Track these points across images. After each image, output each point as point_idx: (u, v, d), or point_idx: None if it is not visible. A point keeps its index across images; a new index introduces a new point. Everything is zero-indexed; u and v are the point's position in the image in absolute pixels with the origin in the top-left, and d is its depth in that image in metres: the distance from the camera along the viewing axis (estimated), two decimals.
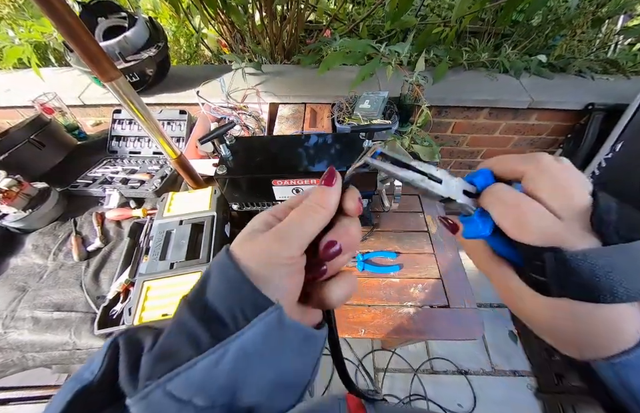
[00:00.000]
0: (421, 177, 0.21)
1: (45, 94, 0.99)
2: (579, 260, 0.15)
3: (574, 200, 0.17)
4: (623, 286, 0.15)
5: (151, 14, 1.35)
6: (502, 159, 0.21)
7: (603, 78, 1.25)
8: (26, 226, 0.83)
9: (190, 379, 0.14)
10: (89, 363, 0.16)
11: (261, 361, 0.16)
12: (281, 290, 0.18)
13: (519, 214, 0.18)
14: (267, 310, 0.16)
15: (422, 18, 1.45)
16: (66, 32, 0.45)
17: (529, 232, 0.17)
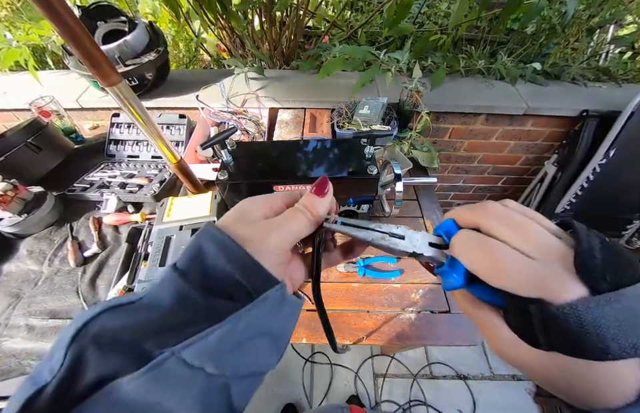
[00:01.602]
0: (381, 235, 0.22)
1: (42, 98, 0.98)
2: (567, 314, 0.14)
3: (539, 237, 0.17)
4: (616, 341, 0.13)
5: (151, 19, 1.35)
6: (459, 211, 0.21)
7: (595, 85, 1.28)
8: (21, 231, 0.81)
9: (204, 347, 0.15)
10: (48, 359, 0.15)
11: (263, 330, 0.18)
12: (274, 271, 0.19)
13: (490, 258, 0.17)
14: (275, 287, 0.18)
15: (419, 25, 1.47)
16: (68, 36, 0.45)
17: (506, 277, 0.16)
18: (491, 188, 1.65)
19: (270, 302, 0.18)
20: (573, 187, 1.28)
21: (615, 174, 1.21)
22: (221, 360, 0.16)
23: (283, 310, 0.19)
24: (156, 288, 0.17)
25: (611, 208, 1.36)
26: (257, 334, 0.18)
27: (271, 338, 0.19)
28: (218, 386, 0.16)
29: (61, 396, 0.14)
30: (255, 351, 0.18)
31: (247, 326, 0.17)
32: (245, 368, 0.18)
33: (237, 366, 0.17)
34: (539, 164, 1.44)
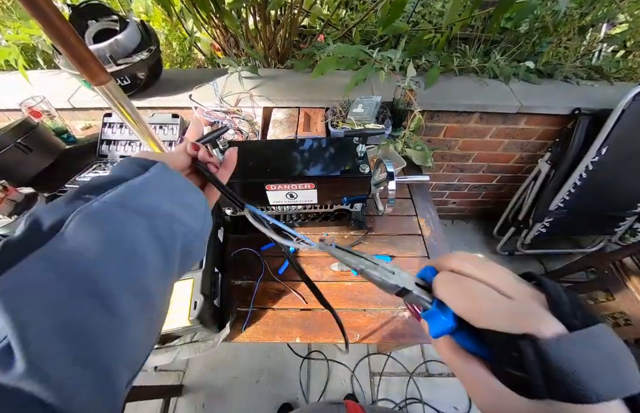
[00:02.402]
0: (373, 265, 0.23)
1: (33, 98, 0.97)
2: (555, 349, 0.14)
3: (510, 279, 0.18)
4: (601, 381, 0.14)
5: (143, 18, 1.34)
6: (435, 260, 0.23)
7: (588, 84, 1.29)
8: (11, 233, 0.80)
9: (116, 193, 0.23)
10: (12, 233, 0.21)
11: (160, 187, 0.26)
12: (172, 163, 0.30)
13: (471, 298, 0.18)
14: (158, 161, 0.28)
15: (413, 24, 1.48)
16: (54, 35, 0.44)
17: (489, 316, 0.17)
18: (485, 186, 1.66)
19: (156, 168, 0.27)
20: (566, 185, 1.30)
21: (607, 171, 1.22)
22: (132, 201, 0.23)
23: (170, 176, 0.28)
24: None
25: (604, 206, 1.37)
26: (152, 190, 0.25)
27: (172, 196, 0.27)
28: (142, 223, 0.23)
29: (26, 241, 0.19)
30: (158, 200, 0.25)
31: (142, 181, 0.25)
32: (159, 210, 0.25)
33: (149, 207, 0.24)
34: (532, 162, 1.45)
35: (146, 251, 0.23)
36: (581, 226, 1.53)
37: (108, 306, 0.19)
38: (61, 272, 0.18)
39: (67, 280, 0.18)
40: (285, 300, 0.73)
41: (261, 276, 0.75)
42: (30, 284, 0.17)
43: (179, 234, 0.26)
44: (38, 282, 0.17)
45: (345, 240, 0.84)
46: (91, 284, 0.19)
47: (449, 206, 1.86)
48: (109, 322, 0.19)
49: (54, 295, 0.17)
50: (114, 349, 0.19)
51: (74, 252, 0.19)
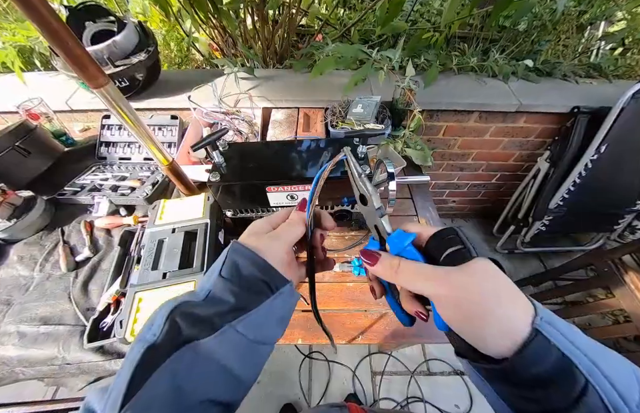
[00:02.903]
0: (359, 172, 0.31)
1: (31, 100, 0.96)
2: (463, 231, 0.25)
3: None
4: None
5: (141, 19, 1.33)
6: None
7: (586, 82, 1.29)
8: (10, 237, 0.80)
9: (248, 322, 0.24)
10: (148, 328, 0.23)
11: (278, 313, 0.28)
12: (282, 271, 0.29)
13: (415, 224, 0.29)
14: (287, 284, 0.28)
15: (412, 23, 1.47)
16: (51, 38, 0.44)
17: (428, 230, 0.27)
18: (485, 185, 1.66)
19: (284, 295, 0.28)
20: (565, 183, 1.30)
21: (606, 169, 1.22)
22: (256, 331, 0.25)
23: (292, 299, 0.29)
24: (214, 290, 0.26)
25: (603, 204, 1.37)
26: (275, 315, 0.27)
27: (282, 319, 0.29)
28: (252, 347, 0.25)
29: (165, 347, 0.21)
30: (273, 326, 0.27)
31: (271, 309, 0.26)
32: (267, 337, 0.27)
33: (263, 335, 0.26)
34: (532, 160, 1.46)
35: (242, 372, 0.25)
36: (580, 224, 1.53)
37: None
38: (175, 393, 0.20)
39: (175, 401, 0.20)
40: None
41: None
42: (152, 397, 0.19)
43: (267, 353, 0.28)
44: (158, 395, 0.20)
45: (345, 240, 0.84)
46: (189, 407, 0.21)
47: (448, 205, 1.86)
48: None
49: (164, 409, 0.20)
50: None
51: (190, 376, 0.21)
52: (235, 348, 0.24)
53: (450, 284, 0.22)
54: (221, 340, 0.23)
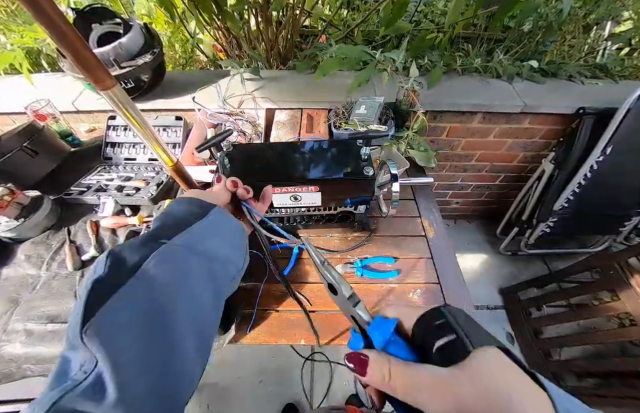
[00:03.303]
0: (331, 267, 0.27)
1: (38, 101, 0.98)
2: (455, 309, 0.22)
3: None
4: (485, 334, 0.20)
5: (146, 20, 1.35)
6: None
7: (592, 82, 1.28)
8: (18, 236, 0.81)
9: (187, 237, 0.27)
10: (93, 271, 0.22)
11: (216, 231, 0.30)
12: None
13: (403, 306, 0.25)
14: (216, 207, 0.31)
15: (416, 24, 1.47)
16: (59, 41, 0.44)
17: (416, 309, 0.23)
18: (489, 186, 1.65)
19: (216, 213, 0.30)
20: (570, 185, 1.29)
21: (612, 171, 1.21)
22: (198, 245, 0.27)
23: (227, 222, 0.32)
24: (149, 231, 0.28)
25: (609, 205, 1.36)
26: (214, 234, 0.29)
27: (226, 240, 0.31)
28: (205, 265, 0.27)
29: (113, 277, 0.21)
30: (219, 244, 0.29)
31: (206, 225, 0.29)
32: (218, 254, 0.29)
33: (211, 250, 0.28)
34: (536, 162, 1.44)
35: (206, 293, 0.26)
36: (585, 226, 1.52)
37: (177, 346, 0.22)
38: (142, 312, 0.21)
39: (146, 320, 0.21)
40: (290, 302, 0.73)
41: (265, 278, 0.75)
42: (118, 323, 0.20)
43: (229, 274, 0.30)
44: (124, 320, 0.20)
45: (348, 241, 0.84)
46: (165, 327, 0.22)
47: (452, 206, 1.85)
48: (178, 361, 0.22)
49: (137, 332, 0.20)
50: (179, 384, 0.23)
51: (152, 292, 0.22)
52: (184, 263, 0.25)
53: (454, 395, 0.18)
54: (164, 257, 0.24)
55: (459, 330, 0.19)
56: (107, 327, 0.19)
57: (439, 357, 0.19)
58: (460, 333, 0.19)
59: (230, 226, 0.32)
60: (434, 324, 0.21)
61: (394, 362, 0.21)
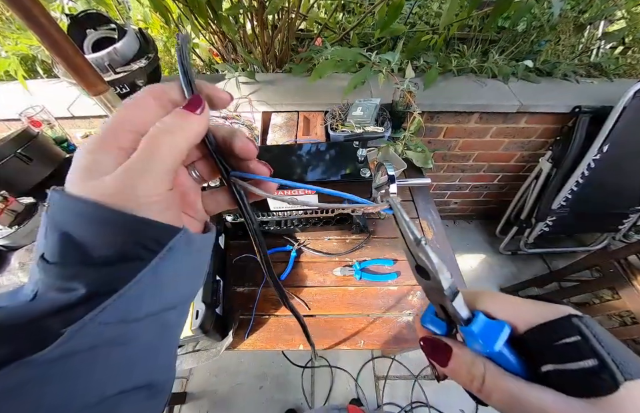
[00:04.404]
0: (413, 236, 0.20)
1: (32, 107, 0.97)
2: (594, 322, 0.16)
3: None
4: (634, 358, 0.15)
5: (141, 25, 1.34)
6: None
7: (587, 81, 1.29)
8: (12, 243, 0.80)
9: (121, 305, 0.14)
10: None
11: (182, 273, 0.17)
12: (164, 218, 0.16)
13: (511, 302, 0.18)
14: (178, 233, 0.16)
15: (411, 26, 1.48)
16: (51, 46, 0.44)
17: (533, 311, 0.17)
18: (487, 186, 1.65)
19: (176, 250, 0.16)
20: (568, 183, 1.29)
21: (609, 169, 1.21)
22: (143, 308, 0.15)
23: (192, 249, 0.18)
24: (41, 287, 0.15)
25: (607, 203, 1.36)
26: (172, 277, 0.17)
27: (188, 274, 0.19)
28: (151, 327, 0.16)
29: None
30: (176, 289, 0.18)
31: (158, 275, 0.16)
32: (173, 302, 0.18)
33: (163, 305, 0.17)
34: (534, 161, 1.45)
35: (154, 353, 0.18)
36: (584, 224, 1.52)
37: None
38: None
39: None
40: None
41: (262, 283, 0.75)
42: None
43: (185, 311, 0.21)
44: None
45: (347, 244, 0.83)
46: None
47: (450, 207, 1.85)
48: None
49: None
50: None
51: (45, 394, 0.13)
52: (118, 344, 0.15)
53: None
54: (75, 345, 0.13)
55: (604, 354, 0.14)
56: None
57: (561, 382, 0.15)
58: (607, 359, 0.14)
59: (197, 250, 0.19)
60: (564, 340, 0.15)
61: (492, 370, 0.17)
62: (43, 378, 0.12)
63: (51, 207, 0.15)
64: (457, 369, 0.18)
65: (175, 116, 0.17)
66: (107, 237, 0.15)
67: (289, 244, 0.82)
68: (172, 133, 0.16)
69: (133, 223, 0.15)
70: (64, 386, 0.13)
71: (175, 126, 0.17)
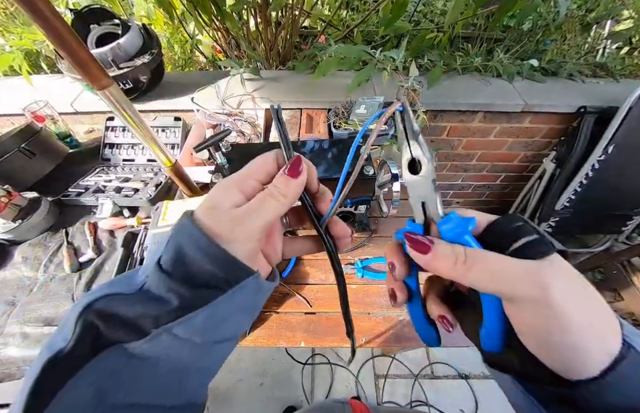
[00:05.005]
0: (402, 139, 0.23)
1: (36, 102, 0.97)
2: None
3: None
4: None
5: (145, 21, 1.34)
6: None
7: (593, 81, 1.28)
8: (15, 237, 0.81)
9: (191, 325, 0.18)
10: (58, 332, 0.18)
11: (240, 309, 0.21)
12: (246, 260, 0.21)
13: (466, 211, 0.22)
14: (250, 278, 0.20)
15: (415, 23, 1.47)
16: (56, 41, 0.44)
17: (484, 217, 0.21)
18: (489, 186, 1.65)
19: (246, 290, 0.20)
20: (571, 184, 1.28)
21: (613, 170, 1.20)
22: (206, 333, 0.19)
23: (257, 294, 0.22)
24: (149, 282, 0.20)
25: (611, 205, 1.35)
26: (235, 313, 0.21)
27: (246, 313, 0.23)
28: (203, 352, 0.20)
29: (76, 356, 0.16)
30: (234, 324, 0.22)
31: (226, 308, 0.20)
32: (224, 335, 0.21)
33: (218, 336, 0.21)
34: (537, 161, 1.44)
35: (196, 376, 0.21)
36: (587, 226, 1.51)
37: None
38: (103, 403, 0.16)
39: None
40: (289, 304, 0.72)
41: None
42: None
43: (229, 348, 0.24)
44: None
45: None
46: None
47: (452, 207, 1.84)
48: None
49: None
50: None
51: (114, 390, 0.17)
52: (176, 352, 0.18)
53: (546, 286, 0.17)
54: (154, 344, 0.17)
55: (542, 231, 0.19)
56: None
57: (517, 256, 0.18)
58: (544, 234, 0.18)
59: (262, 297, 0.24)
60: (512, 225, 0.19)
61: (470, 249, 0.19)
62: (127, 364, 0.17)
63: (179, 226, 0.20)
64: (438, 255, 0.20)
65: (280, 182, 0.22)
66: (206, 265, 0.19)
67: None
68: (276, 199, 0.21)
69: (229, 261, 0.20)
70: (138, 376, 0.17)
71: (280, 192, 0.21)
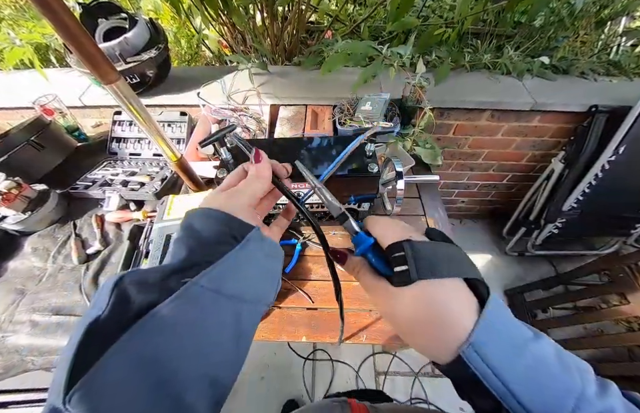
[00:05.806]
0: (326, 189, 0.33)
1: (45, 96, 0.99)
2: (423, 244, 0.24)
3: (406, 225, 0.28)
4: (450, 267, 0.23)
5: (152, 16, 1.35)
6: None
7: (605, 79, 1.24)
8: (25, 229, 0.82)
9: (213, 275, 0.21)
10: (93, 304, 0.19)
11: (252, 262, 0.25)
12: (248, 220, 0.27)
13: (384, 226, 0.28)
14: (253, 230, 0.26)
15: (423, 19, 1.44)
16: (65, 35, 0.44)
17: (392, 234, 0.26)
18: (495, 185, 1.63)
19: (253, 241, 0.25)
20: (580, 185, 1.26)
21: (624, 171, 1.18)
22: (227, 285, 0.22)
23: (264, 247, 0.27)
24: (167, 257, 0.24)
25: (620, 207, 1.33)
26: (248, 266, 0.24)
27: (261, 271, 0.26)
28: (230, 309, 0.23)
29: (114, 321, 0.18)
30: (252, 280, 0.25)
31: (241, 258, 0.24)
32: (248, 293, 0.24)
33: (241, 290, 0.24)
34: (545, 161, 1.41)
35: (228, 344, 0.23)
36: (595, 227, 1.48)
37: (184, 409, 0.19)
38: (143, 372, 0.17)
39: (147, 381, 0.17)
40: (292, 299, 0.73)
41: None
42: (112, 383, 0.16)
43: (258, 313, 0.27)
44: (120, 378, 0.17)
45: None
46: (171, 386, 0.18)
47: (457, 206, 1.83)
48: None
49: (133, 395, 0.17)
50: None
51: (158, 348, 0.18)
52: (206, 304, 0.21)
53: (386, 305, 0.25)
54: (185, 300, 0.20)
55: (411, 263, 0.23)
56: (98, 392, 0.16)
57: (396, 279, 0.25)
58: (411, 267, 0.23)
59: (268, 252, 0.27)
60: (396, 253, 0.25)
61: (363, 266, 0.28)
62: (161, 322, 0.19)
63: (185, 216, 0.26)
64: (348, 264, 0.29)
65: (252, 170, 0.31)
66: (213, 226, 0.25)
67: (294, 238, 0.83)
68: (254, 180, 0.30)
69: (230, 220, 0.25)
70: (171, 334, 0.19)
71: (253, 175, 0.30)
